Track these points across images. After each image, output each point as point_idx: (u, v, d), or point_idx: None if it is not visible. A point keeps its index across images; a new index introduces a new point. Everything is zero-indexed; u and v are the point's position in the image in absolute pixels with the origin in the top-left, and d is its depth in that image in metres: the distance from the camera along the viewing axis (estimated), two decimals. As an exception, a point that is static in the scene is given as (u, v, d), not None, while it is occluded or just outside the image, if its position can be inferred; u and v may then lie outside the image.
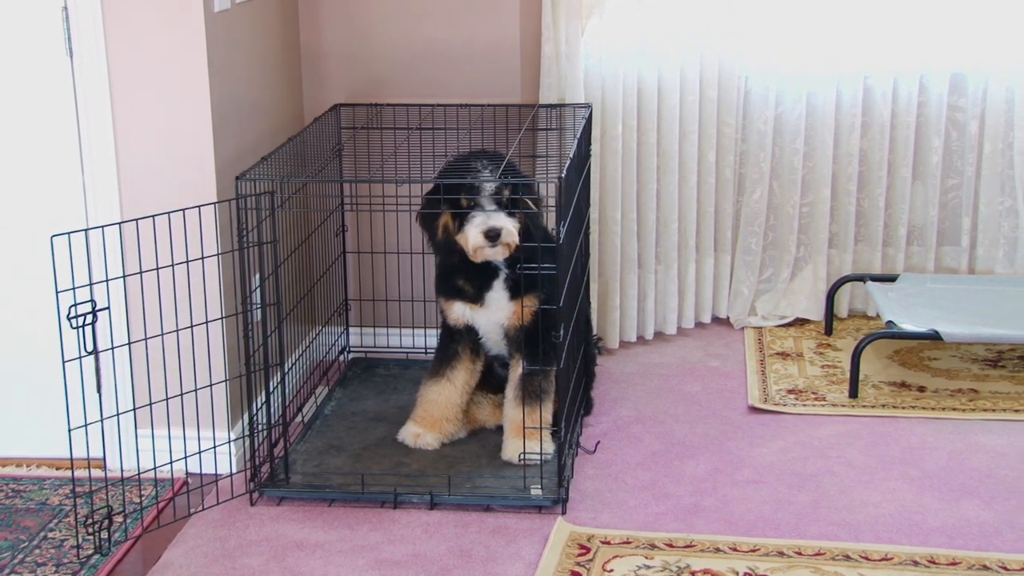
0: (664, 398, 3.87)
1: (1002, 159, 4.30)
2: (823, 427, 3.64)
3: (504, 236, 3.18)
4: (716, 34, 4.17)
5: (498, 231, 3.18)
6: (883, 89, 4.29)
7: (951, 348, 4.14)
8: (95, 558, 3.00)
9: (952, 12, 4.21)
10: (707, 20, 4.14)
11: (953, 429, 3.61)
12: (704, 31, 4.15)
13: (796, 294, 4.46)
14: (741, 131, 4.34)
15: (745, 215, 4.39)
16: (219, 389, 3.36)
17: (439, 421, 3.49)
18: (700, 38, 4.15)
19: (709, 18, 4.14)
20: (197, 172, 3.29)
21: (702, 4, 4.11)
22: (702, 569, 2.89)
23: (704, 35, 4.15)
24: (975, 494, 3.23)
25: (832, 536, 3.03)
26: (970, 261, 4.43)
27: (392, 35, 3.97)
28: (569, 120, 3.74)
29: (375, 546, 3.03)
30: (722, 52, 4.20)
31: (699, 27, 4.13)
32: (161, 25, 3.22)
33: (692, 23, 4.12)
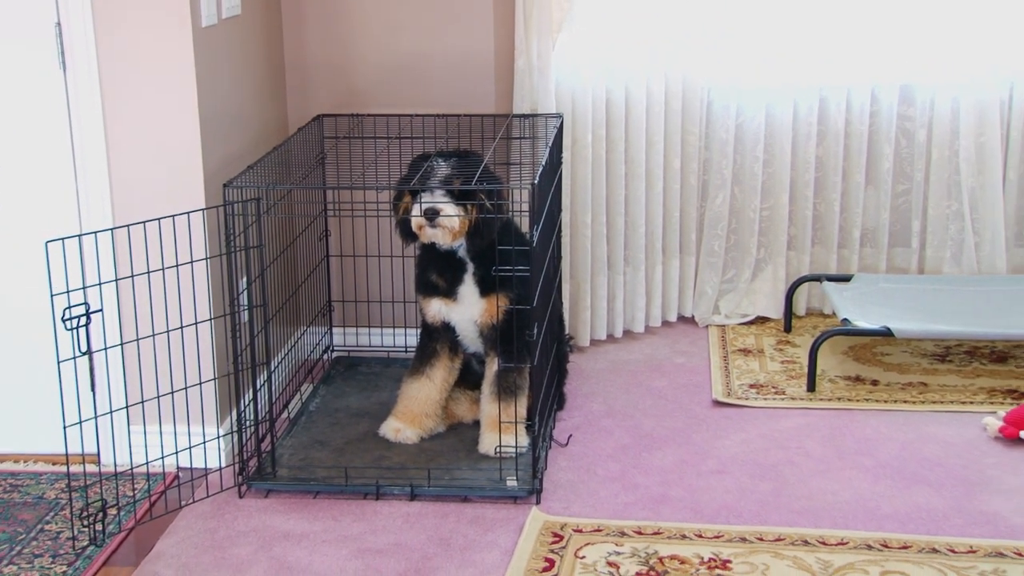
0: (633, 393, 3.87)
1: (948, 166, 4.33)
2: (783, 420, 3.65)
3: (442, 218, 3.18)
4: (680, 50, 4.17)
5: (436, 212, 3.18)
6: (837, 100, 4.31)
7: (902, 344, 4.16)
8: (90, 549, 2.98)
9: (901, 29, 4.23)
10: (671, 36, 4.14)
11: (904, 421, 3.62)
12: (669, 47, 4.15)
13: (757, 294, 4.47)
14: (704, 140, 4.35)
15: (708, 219, 4.40)
16: (208, 387, 3.34)
17: (419, 416, 3.48)
18: (665, 53, 4.16)
19: (673, 35, 4.15)
20: (186, 180, 3.27)
21: (667, 21, 4.12)
22: (669, 555, 2.89)
23: (669, 50, 4.16)
24: (925, 482, 3.24)
25: (792, 523, 3.04)
26: (920, 262, 4.45)
27: (372, 49, 3.97)
28: (541, 129, 3.74)
29: (358, 536, 3.02)
30: (686, 66, 4.20)
31: (664, 43, 4.14)
32: (151, 40, 3.20)
33: (657, 39, 4.13)
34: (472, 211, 3.23)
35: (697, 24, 4.16)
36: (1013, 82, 4.26)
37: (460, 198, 3.21)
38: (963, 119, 4.26)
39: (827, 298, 4.35)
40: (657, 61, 4.15)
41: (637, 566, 2.84)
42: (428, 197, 3.21)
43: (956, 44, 4.21)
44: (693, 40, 4.18)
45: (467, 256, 3.35)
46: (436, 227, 3.22)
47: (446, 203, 3.20)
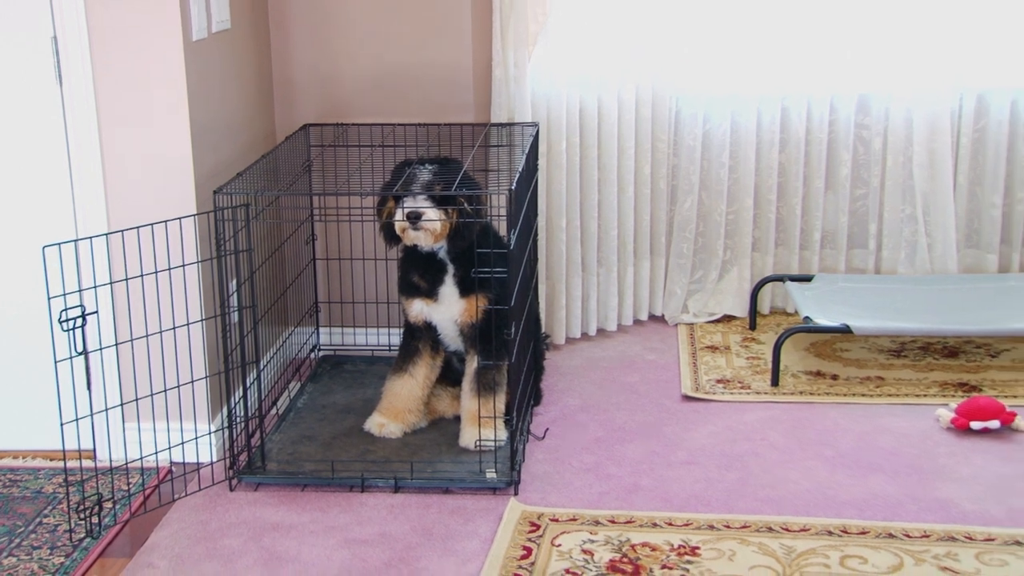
0: (606, 389, 3.87)
1: (903, 171, 4.34)
2: (748, 413, 3.66)
3: (424, 221, 3.18)
4: (649, 61, 4.18)
5: (418, 215, 3.18)
6: (798, 109, 4.32)
7: (860, 340, 4.18)
8: (86, 541, 2.97)
9: (858, 42, 4.24)
10: (641, 48, 4.15)
11: (862, 413, 3.63)
12: (639, 58, 4.16)
13: (723, 293, 4.48)
14: (673, 147, 4.35)
15: (677, 222, 4.40)
16: (200, 385, 3.33)
17: (402, 412, 3.48)
18: (635, 64, 4.16)
19: (643, 47, 4.15)
20: (178, 187, 3.26)
21: (637, 35, 4.12)
22: (641, 542, 2.90)
23: (639, 62, 4.16)
24: (882, 471, 3.25)
25: (757, 510, 3.05)
26: (876, 262, 4.46)
27: (356, 61, 3.96)
28: (518, 137, 3.74)
29: (345, 527, 3.02)
30: (655, 77, 4.21)
31: (634, 55, 4.14)
32: (144, 53, 3.19)
33: (628, 51, 4.13)
34: (452, 215, 3.23)
35: (666, 37, 4.17)
36: (962, 93, 4.28)
37: (441, 203, 3.21)
38: (916, 128, 4.27)
39: (789, 297, 4.37)
40: (628, 72, 4.16)
41: (610, 553, 2.85)
42: (411, 202, 3.21)
43: (909, 57, 4.22)
44: (662, 52, 4.18)
45: (447, 258, 3.35)
46: (418, 230, 3.22)
47: (428, 207, 3.20)
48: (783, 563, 2.78)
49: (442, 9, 3.89)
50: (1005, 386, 3.78)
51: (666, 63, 4.21)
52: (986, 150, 4.33)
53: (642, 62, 4.17)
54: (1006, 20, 4.19)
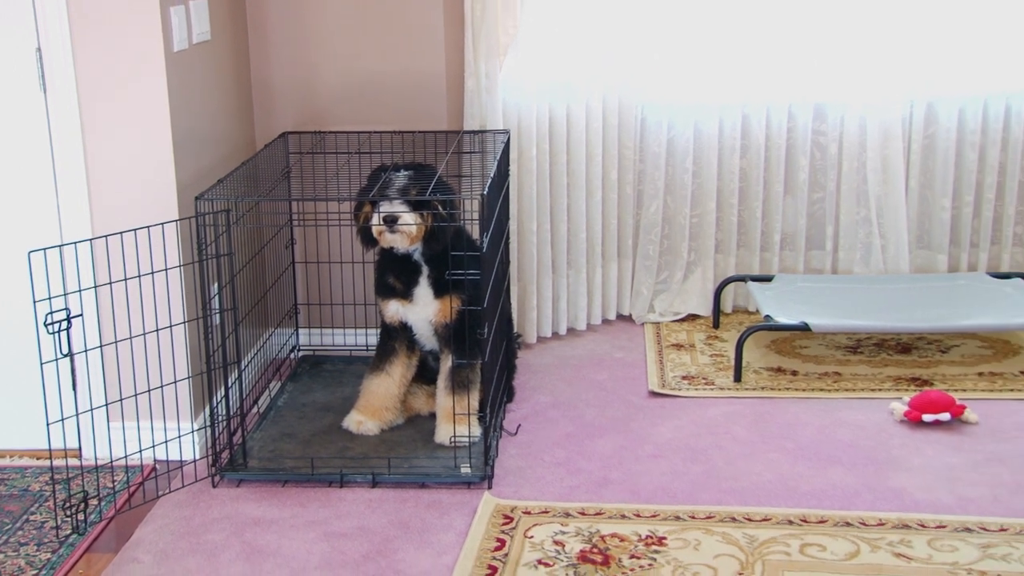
0: (576, 386, 3.88)
1: (857, 176, 4.37)
2: (712, 408, 3.67)
3: (401, 224, 3.18)
4: (616, 71, 4.18)
5: (395, 218, 3.18)
6: (758, 117, 4.34)
7: (818, 338, 4.19)
8: (73, 537, 2.94)
9: (814, 53, 4.27)
10: (608, 59, 4.15)
11: (821, 407, 3.65)
12: (606, 69, 4.16)
13: (688, 293, 4.49)
14: (639, 153, 4.36)
15: (643, 226, 4.41)
16: (183, 385, 3.31)
17: (379, 410, 3.47)
18: (602, 75, 4.16)
19: (610, 58, 4.16)
20: (160, 193, 3.24)
21: (604, 46, 4.13)
22: (610, 533, 2.90)
23: (606, 72, 4.17)
24: (840, 462, 3.27)
25: (721, 501, 3.06)
26: (833, 263, 4.48)
27: (333, 71, 3.95)
28: (490, 144, 3.74)
29: (324, 521, 3.00)
30: (621, 87, 4.22)
31: (601, 65, 4.15)
32: (126, 63, 3.17)
33: (595, 62, 4.13)
34: (427, 218, 3.23)
35: (631, 48, 4.18)
36: (913, 102, 4.31)
37: (416, 207, 3.21)
38: (870, 134, 4.30)
39: (751, 297, 4.39)
40: (595, 82, 4.16)
41: (581, 544, 2.85)
42: (387, 205, 3.21)
43: (863, 68, 4.25)
44: (628, 63, 4.19)
45: (422, 260, 3.34)
46: (395, 232, 3.22)
47: (404, 211, 3.20)
48: (746, 552, 2.79)
49: (416, 21, 3.88)
50: (955, 380, 3.81)
51: (632, 73, 4.22)
52: (935, 156, 4.36)
53: (609, 72, 4.18)
54: (953, 34, 4.23)
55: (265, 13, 3.93)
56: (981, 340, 4.13)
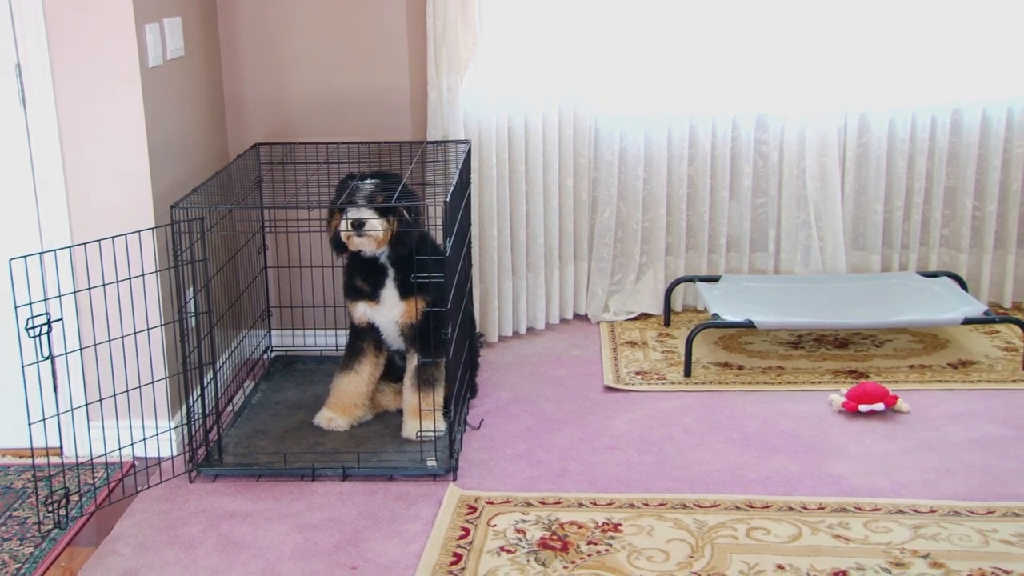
0: (536, 382, 3.88)
1: (797, 182, 4.39)
2: (664, 401, 3.68)
3: (368, 228, 3.17)
4: (571, 84, 4.19)
5: (362, 222, 3.17)
6: (704, 127, 4.35)
7: (762, 334, 4.21)
8: (55, 532, 2.91)
9: (756, 67, 4.29)
10: (563, 73, 4.16)
11: (765, 399, 3.67)
12: (561, 82, 4.17)
13: (640, 294, 4.50)
14: (593, 162, 4.36)
15: (598, 230, 4.42)
16: (160, 385, 3.28)
17: (349, 407, 3.46)
18: (558, 88, 4.17)
19: (565, 72, 4.16)
20: (137, 202, 3.21)
21: (559, 60, 4.13)
22: (569, 521, 2.90)
23: (561, 85, 4.17)
24: (783, 451, 3.29)
25: (673, 489, 3.07)
26: (776, 264, 4.50)
27: (302, 85, 3.93)
28: (452, 154, 3.74)
29: (297, 513, 2.99)
30: (576, 99, 4.22)
31: (557, 79, 4.15)
32: (103, 79, 3.13)
33: (551, 75, 4.14)
34: (393, 223, 3.22)
35: (585, 63, 4.18)
36: (847, 113, 4.33)
37: (383, 213, 3.20)
38: (808, 143, 4.32)
39: (699, 296, 4.40)
40: (551, 94, 4.17)
41: (541, 531, 2.85)
42: (355, 211, 3.20)
43: (801, 81, 4.27)
44: (582, 76, 4.20)
45: (388, 264, 3.33)
46: (363, 236, 3.21)
47: (371, 215, 3.19)
48: (696, 536, 2.81)
49: (381, 37, 3.88)
50: (888, 372, 3.84)
51: (586, 86, 4.22)
52: (868, 163, 4.39)
53: (564, 85, 4.18)
54: (883, 51, 4.26)
55: (237, 30, 3.91)
56: (912, 335, 4.17)
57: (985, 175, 4.35)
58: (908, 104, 4.31)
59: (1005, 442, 3.30)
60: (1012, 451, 3.24)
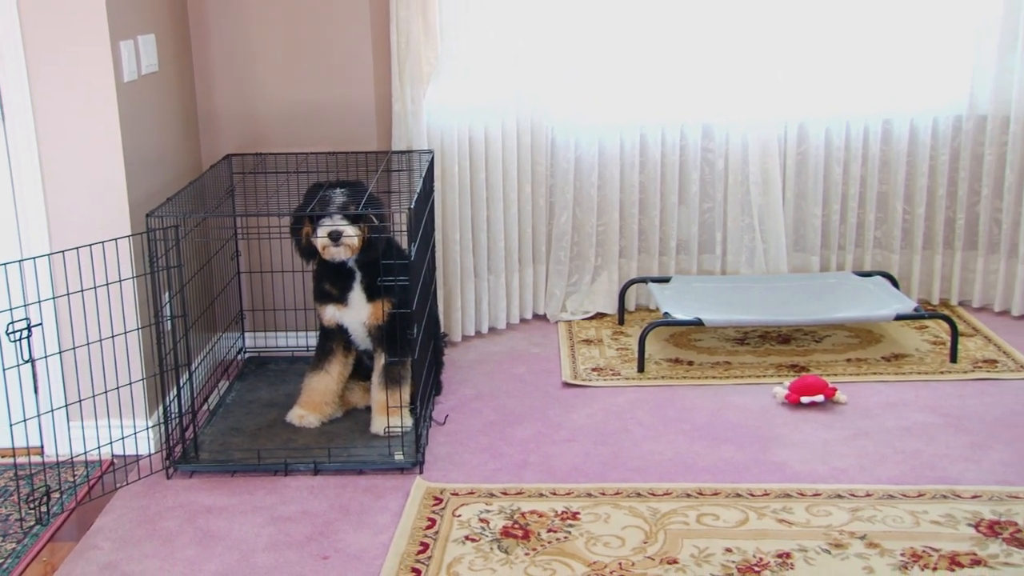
0: (498, 379, 3.88)
1: (741, 188, 4.41)
2: (619, 396, 3.70)
3: (344, 238, 3.16)
4: (528, 96, 4.20)
5: (339, 233, 3.16)
6: (654, 136, 4.37)
7: (711, 331, 4.24)
8: (36, 528, 2.88)
9: (702, 79, 4.32)
10: (520, 85, 4.17)
11: (714, 393, 3.69)
12: (518, 93, 4.18)
13: (596, 294, 4.51)
14: (550, 169, 4.37)
15: (555, 234, 4.43)
16: (138, 386, 3.26)
17: (320, 404, 3.45)
18: (516, 99, 4.18)
19: (522, 83, 4.17)
20: (114, 211, 3.18)
21: (516, 73, 4.14)
22: (530, 510, 2.92)
23: (518, 97, 4.18)
24: (731, 441, 3.31)
25: (628, 479, 3.09)
26: (722, 265, 4.52)
27: (273, 97, 3.91)
28: (416, 163, 3.74)
29: (271, 506, 2.98)
30: (533, 110, 4.23)
31: (514, 90, 4.16)
32: (80, 93, 3.11)
33: (509, 87, 4.15)
34: (364, 231, 3.22)
35: (541, 75, 4.20)
36: (787, 122, 4.36)
37: (353, 221, 3.19)
38: (751, 151, 4.35)
39: (651, 296, 4.42)
40: (509, 105, 4.17)
41: (504, 520, 2.86)
42: (329, 221, 3.18)
43: (744, 92, 4.31)
44: (538, 88, 4.21)
45: (356, 268, 3.33)
46: (339, 246, 3.20)
47: (346, 226, 3.18)
48: (650, 523, 2.83)
49: (347, 52, 3.87)
50: (827, 366, 3.87)
51: (542, 98, 4.23)
52: (807, 169, 4.42)
53: (521, 97, 4.19)
54: (820, 64, 4.30)
55: (209, 46, 3.88)
56: (848, 331, 4.21)
57: (913, 180, 4.41)
58: (843, 114, 4.35)
59: (934, 429, 3.36)
60: (940, 437, 3.30)
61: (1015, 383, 3.69)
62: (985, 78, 4.23)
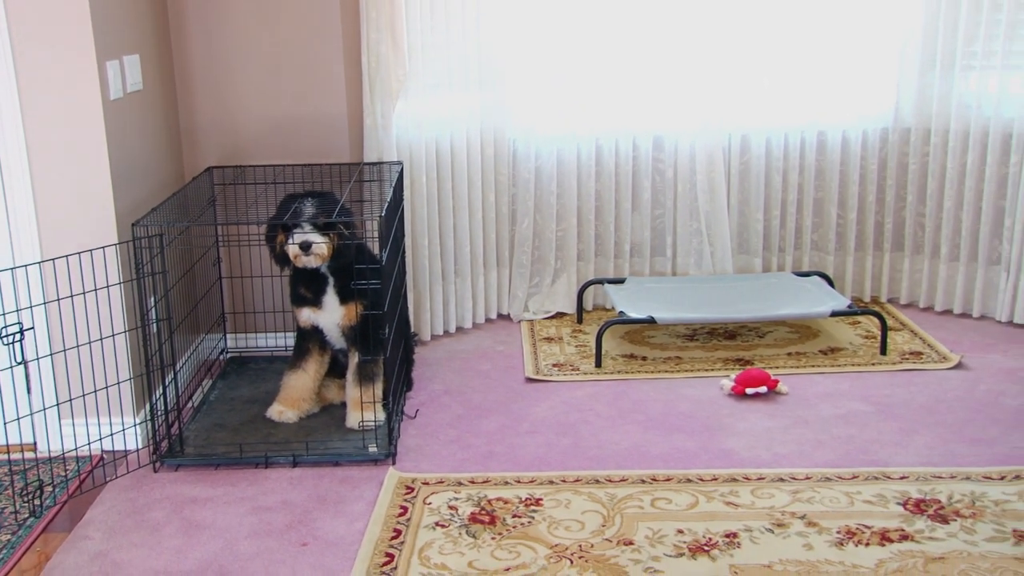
0: (465, 375, 3.89)
1: (690, 195, 4.44)
2: (578, 390, 3.71)
3: (314, 247, 3.17)
4: (490, 109, 4.21)
5: (309, 243, 3.16)
6: (609, 146, 4.39)
7: (663, 328, 4.26)
8: (30, 520, 2.86)
9: (652, 93, 4.35)
10: (483, 99, 4.19)
11: (666, 386, 3.71)
12: (481, 108, 4.19)
13: (556, 295, 4.52)
14: (512, 178, 4.39)
15: (517, 239, 4.44)
16: (125, 385, 3.24)
17: (298, 401, 3.45)
18: (479, 112, 4.19)
19: (485, 97, 4.19)
20: (101, 220, 3.16)
21: (479, 87, 4.16)
22: (496, 497, 2.93)
23: (481, 111, 4.20)
24: (682, 430, 3.33)
25: (587, 467, 3.10)
26: (673, 266, 4.55)
27: (251, 113, 3.90)
28: (386, 174, 3.75)
29: (252, 497, 2.98)
30: (496, 122, 4.24)
31: (477, 106, 4.18)
32: (68, 110, 3.09)
33: (473, 101, 4.16)
34: (334, 238, 3.23)
35: (502, 89, 4.21)
36: (730, 134, 4.40)
37: (324, 229, 3.20)
38: (698, 160, 4.38)
39: (607, 296, 4.44)
40: (473, 118, 4.19)
41: (471, 507, 2.88)
42: (300, 232, 3.18)
43: (691, 106, 4.35)
44: (500, 101, 4.22)
45: (329, 273, 3.33)
46: (310, 255, 3.20)
47: (316, 236, 3.18)
48: (608, 507, 2.85)
49: (321, 69, 3.87)
50: (770, 359, 3.91)
51: (504, 111, 4.25)
52: (750, 178, 4.46)
53: (484, 111, 4.20)
54: (760, 79, 4.35)
55: (190, 65, 3.87)
56: (789, 326, 4.25)
57: (846, 188, 4.47)
58: (782, 127, 4.40)
59: (866, 416, 3.41)
60: (872, 424, 3.35)
61: (938, 373, 3.77)
62: (908, 94, 4.32)
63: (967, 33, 4.14)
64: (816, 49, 4.33)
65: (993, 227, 4.24)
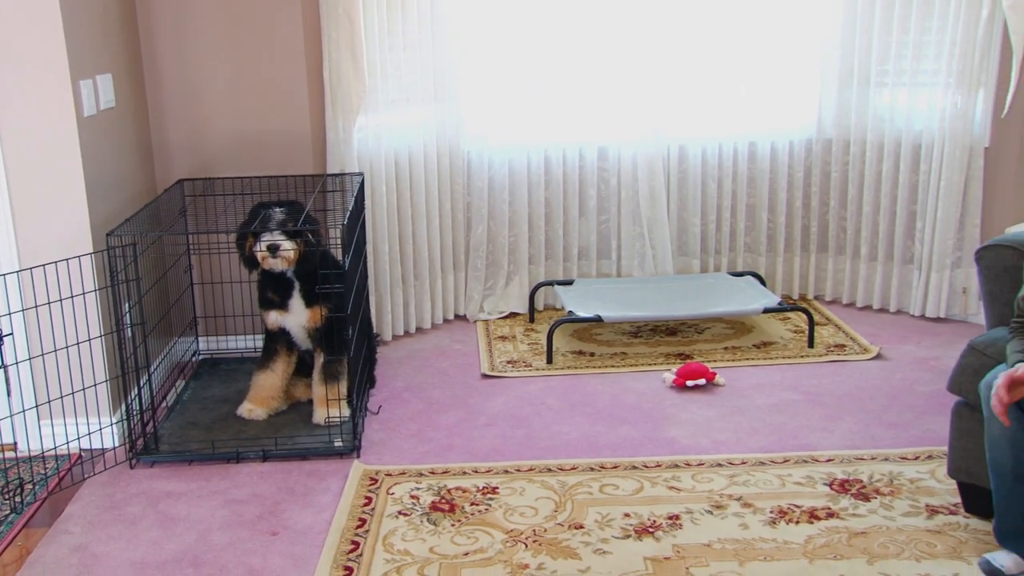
0: (424, 372, 3.89)
1: (632, 202, 4.46)
2: (531, 385, 3.72)
3: (281, 251, 3.17)
4: (445, 123, 4.23)
5: (277, 246, 3.17)
6: (557, 156, 4.41)
7: (609, 326, 4.28)
8: (11, 516, 2.83)
9: (596, 106, 4.38)
10: (438, 115, 4.20)
11: (613, 380, 3.73)
12: (437, 122, 4.20)
13: (509, 296, 4.53)
14: (467, 187, 4.39)
15: (472, 245, 4.45)
16: (102, 387, 3.21)
17: (267, 399, 3.44)
18: (434, 125, 4.20)
19: (439, 113, 4.20)
20: (77, 231, 3.14)
21: (433, 102, 4.17)
22: (455, 487, 2.94)
23: (437, 124, 4.21)
24: (628, 421, 3.36)
25: (539, 457, 3.12)
26: (618, 268, 4.57)
27: (219, 128, 3.88)
28: (348, 184, 3.75)
29: (224, 491, 2.97)
30: (451, 134, 4.26)
31: (433, 119, 4.19)
32: (45, 127, 3.06)
33: (428, 115, 4.18)
34: (300, 244, 3.23)
35: (456, 103, 4.23)
36: (669, 144, 4.44)
37: (291, 236, 3.20)
38: (640, 169, 4.40)
39: (557, 297, 4.46)
40: (430, 131, 4.20)
41: (432, 496, 2.89)
42: (268, 236, 3.19)
43: (632, 118, 4.38)
44: (454, 115, 4.23)
45: (295, 278, 3.33)
46: (277, 258, 3.20)
47: (283, 240, 3.19)
48: (559, 494, 2.87)
49: (285, 87, 3.86)
50: (709, 354, 3.95)
51: (458, 124, 4.26)
52: (688, 185, 4.50)
53: (440, 124, 4.21)
54: (695, 93, 4.41)
55: (161, 84, 3.84)
56: (725, 323, 4.30)
57: (775, 194, 4.54)
58: (716, 137, 4.46)
59: (796, 405, 3.48)
60: (802, 411, 3.42)
61: (860, 364, 3.85)
62: (829, 108, 4.41)
63: (879, 53, 4.25)
64: (747, 67, 4.42)
65: (907, 229, 4.36)
